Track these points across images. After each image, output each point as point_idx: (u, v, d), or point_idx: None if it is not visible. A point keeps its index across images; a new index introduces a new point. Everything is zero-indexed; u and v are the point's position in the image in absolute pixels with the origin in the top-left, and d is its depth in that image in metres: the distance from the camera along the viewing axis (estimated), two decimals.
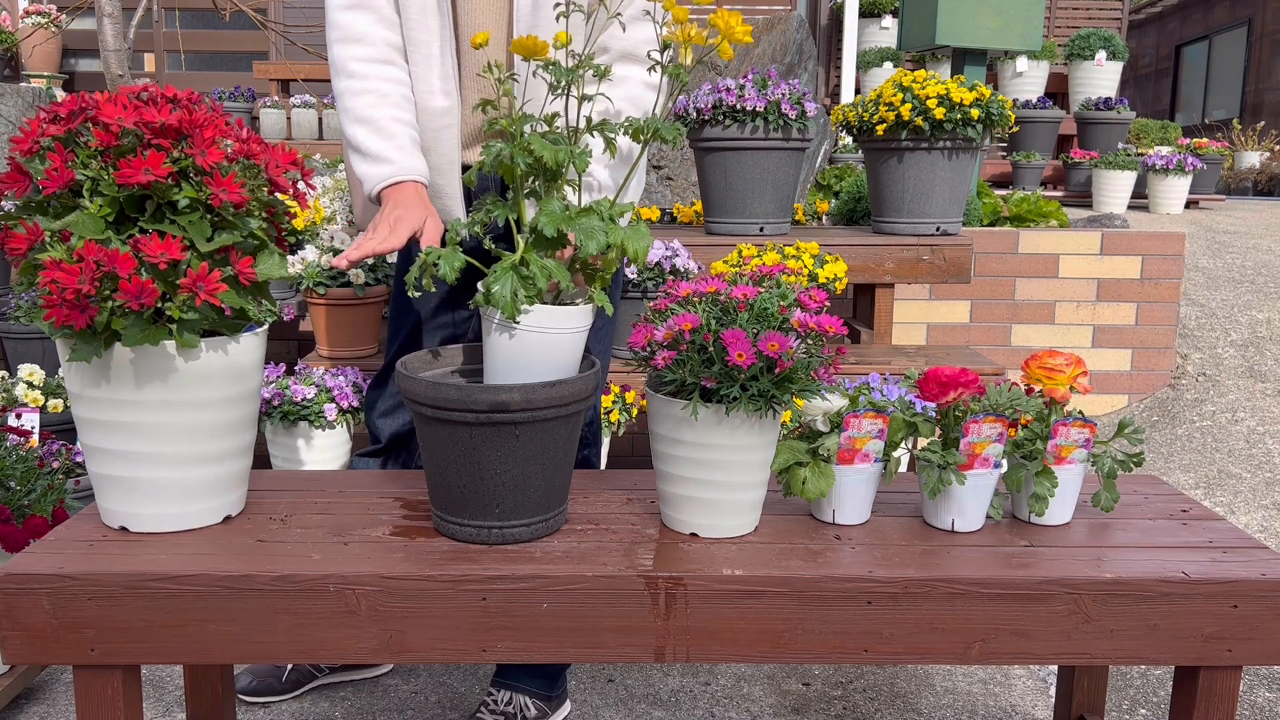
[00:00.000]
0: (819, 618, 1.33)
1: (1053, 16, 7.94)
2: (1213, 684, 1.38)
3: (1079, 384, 1.51)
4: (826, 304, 1.41)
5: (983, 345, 3.87)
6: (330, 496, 1.57)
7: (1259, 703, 2.10)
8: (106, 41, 3.18)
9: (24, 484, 2.07)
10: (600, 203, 1.36)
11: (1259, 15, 12.37)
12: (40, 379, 2.75)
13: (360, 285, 2.79)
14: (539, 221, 1.32)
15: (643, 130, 1.37)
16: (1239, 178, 8.61)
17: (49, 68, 7.24)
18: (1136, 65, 14.94)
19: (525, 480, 1.36)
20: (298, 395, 2.56)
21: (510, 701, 1.88)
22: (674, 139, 1.38)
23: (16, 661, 1.31)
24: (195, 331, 1.31)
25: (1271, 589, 1.33)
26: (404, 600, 1.31)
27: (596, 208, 1.35)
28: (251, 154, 1.36)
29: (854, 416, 1.43)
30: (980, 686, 2.13)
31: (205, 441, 1.37)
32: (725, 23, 1.31)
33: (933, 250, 2.96)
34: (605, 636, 1.33)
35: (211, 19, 7.43)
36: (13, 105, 3.65)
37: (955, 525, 1.47)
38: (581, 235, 1.30)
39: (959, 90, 2.89)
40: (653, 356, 1.36)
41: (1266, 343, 4.05)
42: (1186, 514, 1.57)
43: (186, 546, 1.37)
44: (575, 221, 1.31)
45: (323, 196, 3.38)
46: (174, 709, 2.01)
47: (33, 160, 1.31)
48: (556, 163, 1.31)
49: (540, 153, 1.30)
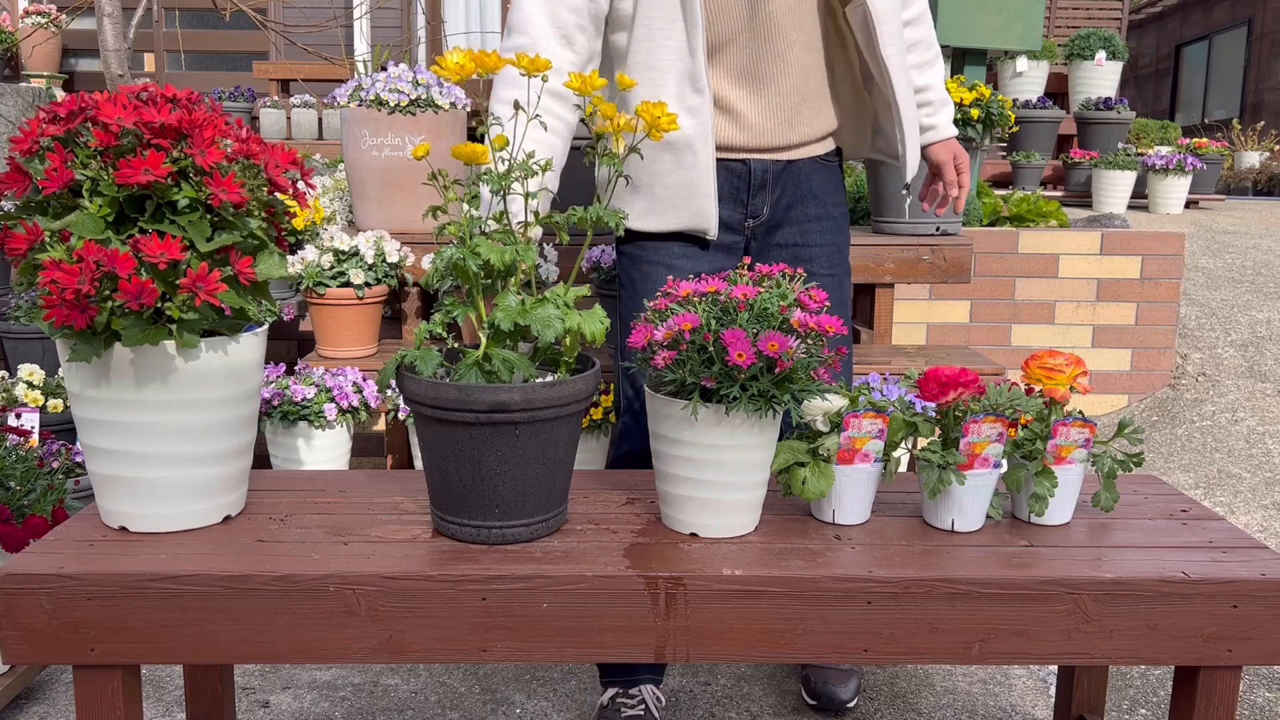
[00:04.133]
0: (819, 618, 1.33)
1: (1053, 16, 7.94)
2: (1213, 684, 1.38)
3: (1079, 384, 1.51)
4: (826, 304, 1.41)
5: (983, 345, 3.87)
6: (330, 496, 1.57)
7: (1259, 703, 2.10)
8: (106, 41, 3.18)
9: (24, 484, 2.07)
10: (554, 291, 1.41)
11: (1259, 15, 12.37)
12: (40, 379, 2.75)
13: (360, 285, 2.79)
14: (495, 317, 1.36)
15: (586, 220, 1.42)
16: (1239, 178, 8.61)
17: (49, 68, 7.24)
18: (1136, 65, 14.95)
19: (525, 480, 1.36)
20: (298, 395, 2.56)
21: None
22: (617, 224, 1.44)
23: (16, 661, 1.31)
24: (195, 331, 1.31)
25: (1271, 589, 1.33)
26: (404, 600, 1.31)
27: (551, 296, 1.39)
28: (251, 154, 1.36)
29: (854, 416, 1.43)
30: (980, 686, 2.13)
31: (205, 441, 1.37)
32: (651, 115, 1.39)
33: (933, 250, 2.96)
34: (605, 636, 1.33)
35: (211, 19, 7.43)
36: (13, 105, 3.65)
37: (955, 525, 1.47)
38: (538, 326, 1.34)
39: (959, 90, 2.89)
40: (653, 356, 1.36)
41: (1266, 343, 4.05)
42: (1186, 514, 1.57)
43: (186, 546, 1.37)
44: (531, 314, 1.35)
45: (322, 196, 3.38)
46: (174, 709, 2.01)
47: (32, 160, 1.31)
48: (504, 264, 1.36)
49: (487, 256, 1.35)
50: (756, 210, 1.83)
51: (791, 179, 1.83)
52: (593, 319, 1.38)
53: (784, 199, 1.84)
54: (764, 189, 1.81)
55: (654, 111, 1.38)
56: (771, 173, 1.81)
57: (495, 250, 1.36)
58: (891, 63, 1.76)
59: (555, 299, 1.38)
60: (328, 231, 2.87)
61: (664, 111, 1.38)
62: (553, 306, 1.36)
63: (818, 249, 1.87)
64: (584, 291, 1.44)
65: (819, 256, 1.87)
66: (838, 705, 1.97)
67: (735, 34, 1.72)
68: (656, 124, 1.37)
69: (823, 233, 1.88)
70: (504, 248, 1.36)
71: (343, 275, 2.78)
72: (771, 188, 1.82)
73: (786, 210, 1.85)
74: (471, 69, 1.35)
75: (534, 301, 1.37)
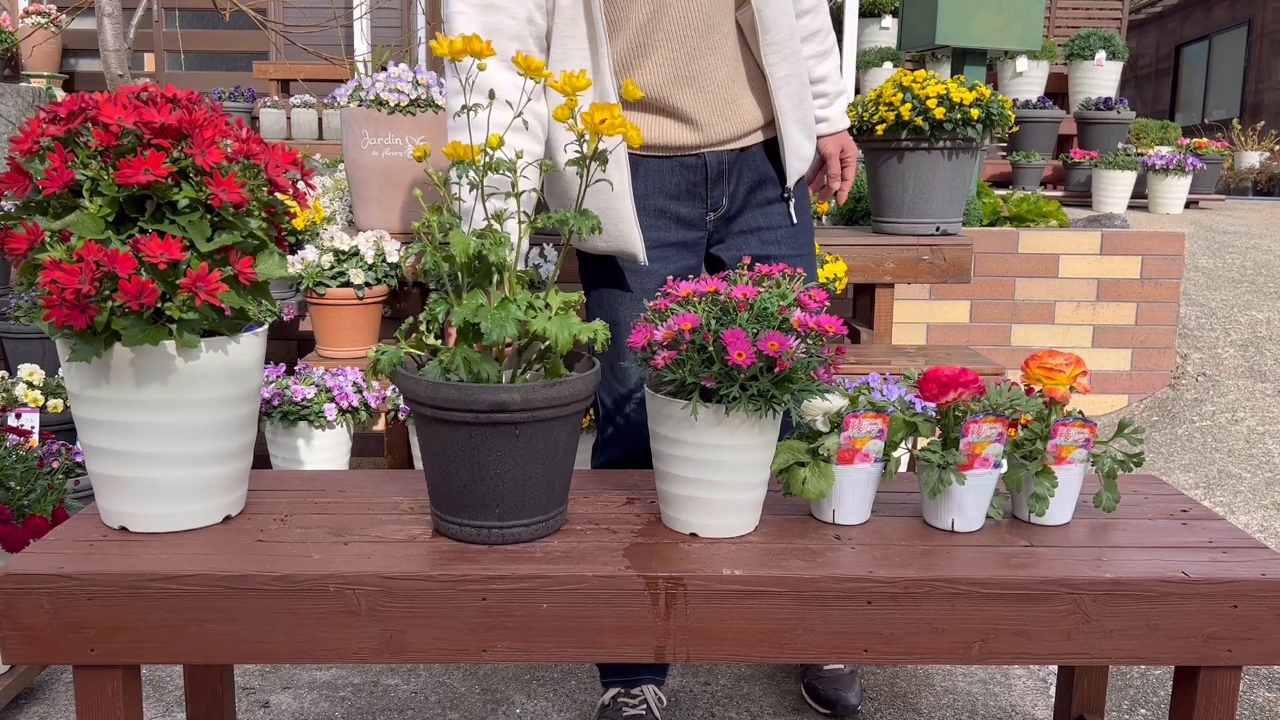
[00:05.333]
0: (819, 618, 1.33)
1: (1053, 16, 7.94)
2: (1213, 684, 1.38)
3: (1079, 384, 1.51)
4: (826, 304, 1.41)
5: (983, 345, 3.87)
6: (330, 496, 1.57)
7: (1259, 703, 2.10)
8: (106, 41, 3.18)
9: (24, 484, 2.07)
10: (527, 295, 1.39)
11: (1259, 15, 12.37)
12: (40, 379, 2.75)
13: (360, 285, 2.79)
14: (453, 314, 1.35)
15: (565, 221, 1.40)
16: (1239, 178, 8.61)
17: (49, 68, 7.24)
18: (1136, 65, 14.95)
19: (525, 480, 1.36)
20: (298, 395, 2.56)
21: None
22: (585, 233, 1.41)
23: (16, 661, 1.31)
24: (195, 331, 1.31)
25: (1271, 589, 1.33)
26: (404, 600, 1.31)
27: (527, 297, 1.37)
28: (251, 154, 1.36)
29: (854, 416, 1.43)
30: (980, 686, 2.13)
31: (205, 441, 1.37)
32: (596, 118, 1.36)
33: (933, 250, 2.96)
34: (605, 636, 1.33)
35: (211, 19, 7.44)
36: (13, 105, 3.65)
37: (955, 525, 1.47)
38: (487, 325, 1.32)
39: (959, 90, 2.89)
40: (653, 356, 1.36)
41: (1266, 343, 4.05)
42: (1186, 514, 1.57)
43: (186, 546, 1.37)
44: (486, 312, 1.33)
45: (323, 196, 3.38)
46: (174, 709, 2.01)
47: (33, 160, 1.31)
48: (467, 256, 1.34)
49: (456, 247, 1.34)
50: (716, 202, 1.82)
51: (747, 166, 1.83)
52: (561, 324, 1.36)
53: (741, 186, 1.84)
54: (721, 180, 1.81)
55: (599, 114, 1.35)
56: (726, 163, 1.81)
57: (463, 240, 1.34)
58: (774, 70, 1.76)
59: (522, 301, 1.37)
60: (328, 231, 2.87)
61: (611, 114, 1.34)
62: (515, 307, 1.35)
63: (782, 230, 1.88)
64: (573, 298, 1.43)
65: (784, 238, 1.88)
66: (850, 710, 1.98)
67: (659, 38, 1.70)
68: (600, 127, 1.34)
69: (784, 214, 1.88)
70: (470, 239, 1.35)
71: (343, 275, 2.79)
72: (728, 178, 1.82)
73: (746, 196, 1.85)
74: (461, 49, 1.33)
75: (500, 300, 1.36)
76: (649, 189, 1.79)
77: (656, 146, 1.77)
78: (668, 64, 1.72)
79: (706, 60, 1.73)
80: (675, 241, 1.82)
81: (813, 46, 1.91)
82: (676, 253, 1.82)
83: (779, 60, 1.76)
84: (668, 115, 1.75)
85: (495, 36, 1.58)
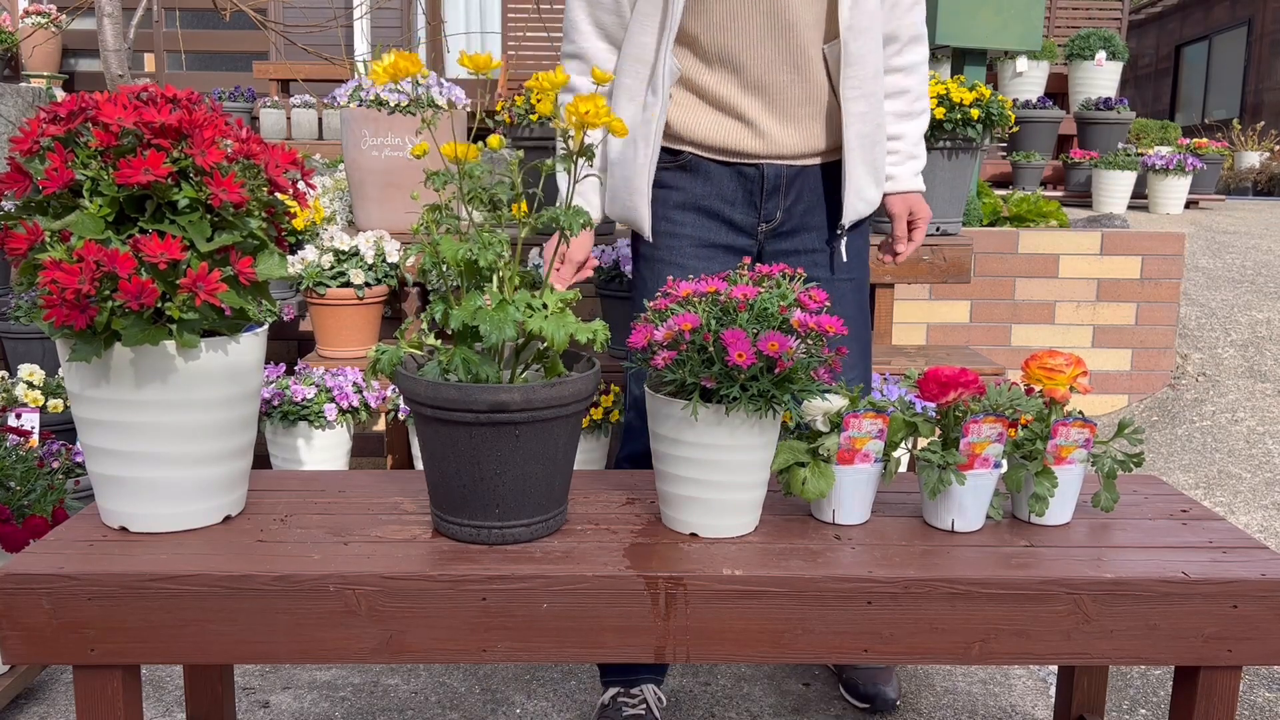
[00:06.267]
0: (819, 618, 1.33)
1: (1053, 16, 7.94)
2: (1213, 684, 1.38)
3: (1079, 384, 1.51)
4: (826, 304, 1.41)
5: (983, 345, 3.87)
6: (330, 496, 1.57)
7: (1259, 703, 2.10)
8: (106, 41, 3.18)
9: (24, 484, 2.07)
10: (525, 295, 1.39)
11: (1259, 15, 12.37)
12: (40, 379, 2.75)
13: (360, 285, 2.79)
14: (450, 317, 1.36)
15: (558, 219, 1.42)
16: (1239, 178, 8.61)
17: (49, 68, 7.24)
18: (1136, 65, 14.95)
19: (525, 480, 1.36)
20: (298, 395, 2.56)
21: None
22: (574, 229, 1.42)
23: (16, 661, 1.31)
24: (195, 331, 1.31)
25: (1271, 589, 1.33)
26: (404, 600, 1.31)
27: (525, 297, 1.38)
28: (251, 154, 1.36)
29: (854, 416, 1.43)
30: (980, 686, 2.13)
31: (205, 441, 1.37)
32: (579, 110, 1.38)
33: (933, 250, 2.96)
34: (605, 636, 1.33)
35: (211, 19, 7.43)
36: (13, 105, 3.65)
37: (955, 525, 1.47)
38: (487, 327, 1.33)
39: (959, 90, 2.89)
40: (653, 356, 1.36)
41: (1266, 343, 4.05)
42: (1186, 514, 1.57)
43: (186, 546, 1.37)
44: (483, 314, 1.34)
45: (323, 196, 3.38)
46: (174, 709, 2.01)
47: (33, 160, 1.31)
48: (458, 261, 1.35)
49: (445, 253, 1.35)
50: (769, 214, 1.83)
51: (807, 186, 1.83)
52: (557, 324, 1.36)
53: (799, 204, 1.84)
54: (777, 194, 1.81)
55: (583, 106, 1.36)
56: (785, 177, 1.81)
57: (452, 247, 1.35)
58: (850, 105, 1.76)
59: (519, 301, 1.37)
60: (328, 231, 2.87)
61: (594, 107, 1.35)
62: (514, 309, 1.35)
63: (823, 263, 1.87)
64: (571, 296, 1.43)
65: (824, 269, 1.87)
66: (890, 704, 1.99)
67: (751, 42, 1.72)
68: (585, 119, 1.35)
69: (835, 249, 1.87)
70: (461, 244, 1.35)
71: (343, 275, 2.79)
72: (785, 192, 1.82)
73: (803, 216, 1.85)
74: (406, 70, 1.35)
75: (500, 301, 1.36)
76: (706, 190, 1.81)
77: (717, 148, 1.79)
78: (743, 70, 1.74)
79: (783, 77, 1.74)
80: (725, 245, 1.83)
81: (898, 104, 1.89)
82: (724, 255, 1.83)
83: (857, 96, 1.76)
84: (733, 117, 1.77)
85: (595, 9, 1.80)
